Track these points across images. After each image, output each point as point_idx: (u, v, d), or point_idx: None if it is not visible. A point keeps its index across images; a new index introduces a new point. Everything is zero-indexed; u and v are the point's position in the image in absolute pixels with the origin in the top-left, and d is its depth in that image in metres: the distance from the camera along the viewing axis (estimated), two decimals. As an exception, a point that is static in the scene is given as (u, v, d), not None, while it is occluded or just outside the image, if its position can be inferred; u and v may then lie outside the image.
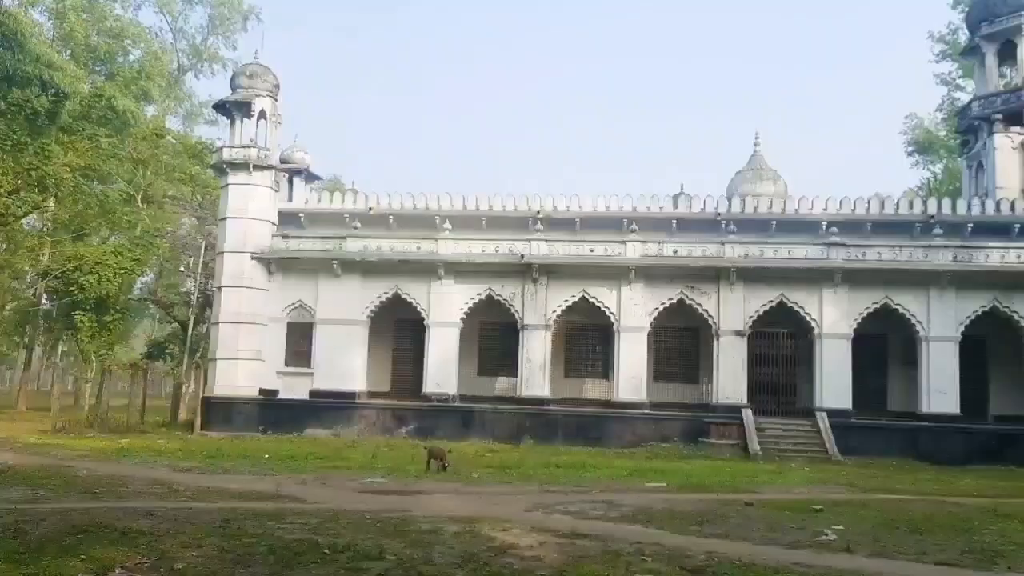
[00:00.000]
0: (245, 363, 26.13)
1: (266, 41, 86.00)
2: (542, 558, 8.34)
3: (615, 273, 24.77)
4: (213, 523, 9.69)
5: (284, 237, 26.95)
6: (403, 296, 25.83)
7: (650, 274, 24.71)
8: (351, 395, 25.57)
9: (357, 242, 26.19)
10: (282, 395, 26.05)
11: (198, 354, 32.73)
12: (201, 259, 31.95)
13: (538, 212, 27.86)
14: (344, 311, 25.84)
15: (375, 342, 26.67)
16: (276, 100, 28.07)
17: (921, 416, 23.49)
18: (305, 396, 25.85)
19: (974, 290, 23.53)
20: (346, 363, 25.69)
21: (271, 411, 25.90)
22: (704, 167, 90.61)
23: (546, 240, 25.46)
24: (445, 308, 25.46)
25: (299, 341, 26.39)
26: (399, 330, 27.67)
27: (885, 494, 15.26)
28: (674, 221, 27.45)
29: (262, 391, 26.13)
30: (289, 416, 25.63)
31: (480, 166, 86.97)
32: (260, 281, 26.48)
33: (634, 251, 24.83)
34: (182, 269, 38.60)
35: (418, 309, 25.72)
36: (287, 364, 26.34)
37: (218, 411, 26.08)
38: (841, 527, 11.00)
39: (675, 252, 24.93)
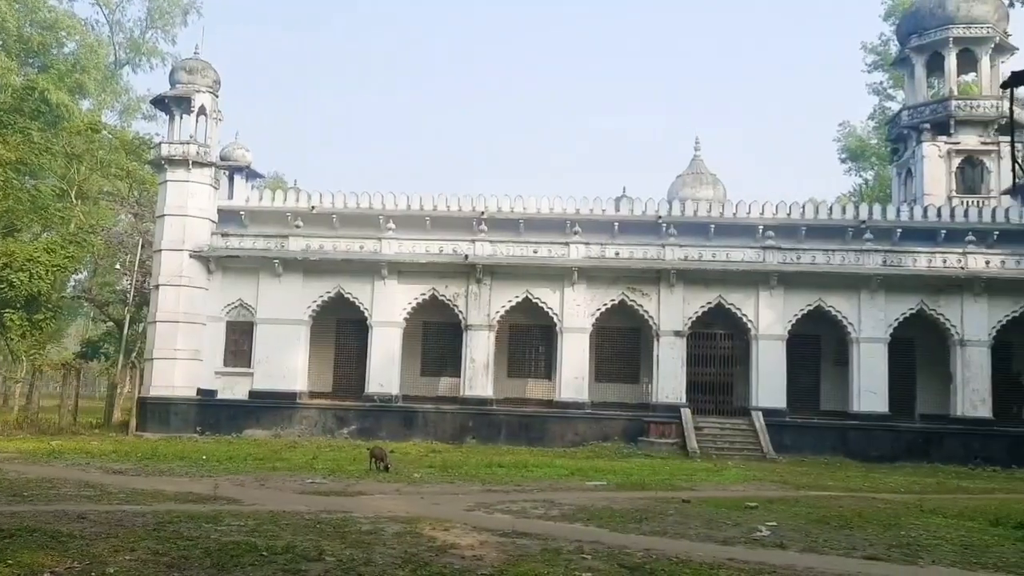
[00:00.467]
0: (183, 363, 25.64)
1: (207, 36, 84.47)
2: (483, 557, 8.40)
3: (558, 274, 24.97)
4: (147, 526, 9.52)
5: (224, 235, 26.51)
6: (346, 296, 25.64)
7: (592, 275, 24.97)
8: (292, 395, 25.29)
9: (299, 241, 25.91)
10: (221, 395, 25.63)
11: (134, 354, 31.96)
12: (138, 257, 31.20)
13: (482, 213, 27.94)
14: (285, 310, 25.53)
15: (317, 342, 26.42)
16: (217, 96, 27.59)
17: (852, 415, 24.21)
18: (244, 396, 25.47)
19: (902, 293, 24.33)
20: (287, 363, 25.40)
21: (209, 412, 25.46)
22: (646, 170, 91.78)
23: (490, 241, 25.54)
24: (388, 308, 25.36)
25: (239, 341, 25.99)
26: (341, 330, 27.45)
27: (817, 491, 15.71)
28: (616, 223, 27.81)
29: (200, 391, 25.66)
30: (228, 417, 25.24)
31: (425, 166, 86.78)
32: (199, 280, 26.01)
33: (577, 252, 25.07)
34: (118, 267, 37.57)
35: (361, 309, 25.56)
36: (226, 364, 25.92)
37: (154, 412, 25.53)
38: (775, 523, 11.30)
39: (617, 254, 25.24)
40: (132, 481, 14.10)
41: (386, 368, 25.21)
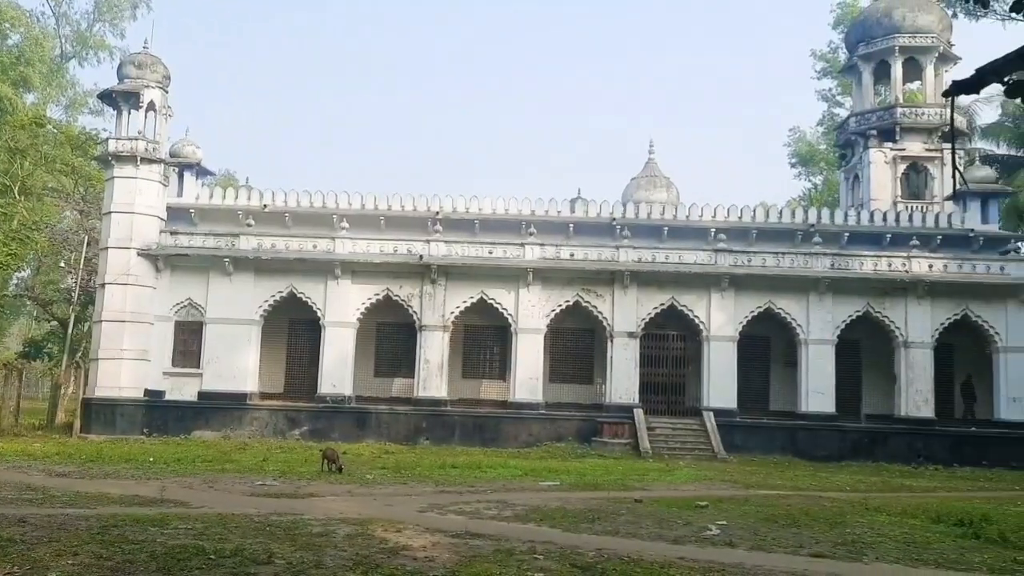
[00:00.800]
0: (129, 363, 25.08)
1: (159, 31, 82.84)
2: (435, 558, 8.37)
3: (513, 275, 25.00)
4: (91, 530, 9.29)
5: (173, 233, 26.01)
6: (298, 295, 25.34)
7: (547, 276, 25.05)
8: (242, 396, 24.90)
9: (251, 240, 25.53)
10: (169, 396, 25.14)
11: (79, 354, 31.20)
12: (83, 255, 30.48)
13: (437, 213, 27.90)
14: (236, 310, 25.13)
15: (268, 342, 26.07)
16: (166, 92, 27.07)
17: (800, 415, 24.65)
18: (193, 397, 25.02)
19: (849, 296, 24.84)
20: (237, 363, 25.01)
21: (157, 413, 24.97)
22: (601, 172, 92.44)
23: (445, 241, 25.47)
24: (342, 308, 25.13)
25: (188, 341, 25.52)
26: (294, 330, 27.14)
27: (766, 490, 15.96)
28: (571, 225, 28.02)
29: (147, 392, 25.14)
30: (176, 418, 24.78)
31: (380, 165, 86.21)
32: (147, 278, 25.47)
33: (532, 253, 25.13)
34: (62, 265, 36.67)
35: (314, 309, 25.28)
36: (174, 364, 25.43)
37: (100, 413, 24.94)
38: (724, 522, 11.46)
39: (572, 255, 25.35)
40: (76, 484, 13.77)
41: (339, 369, 24.98)
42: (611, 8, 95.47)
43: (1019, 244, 30.13)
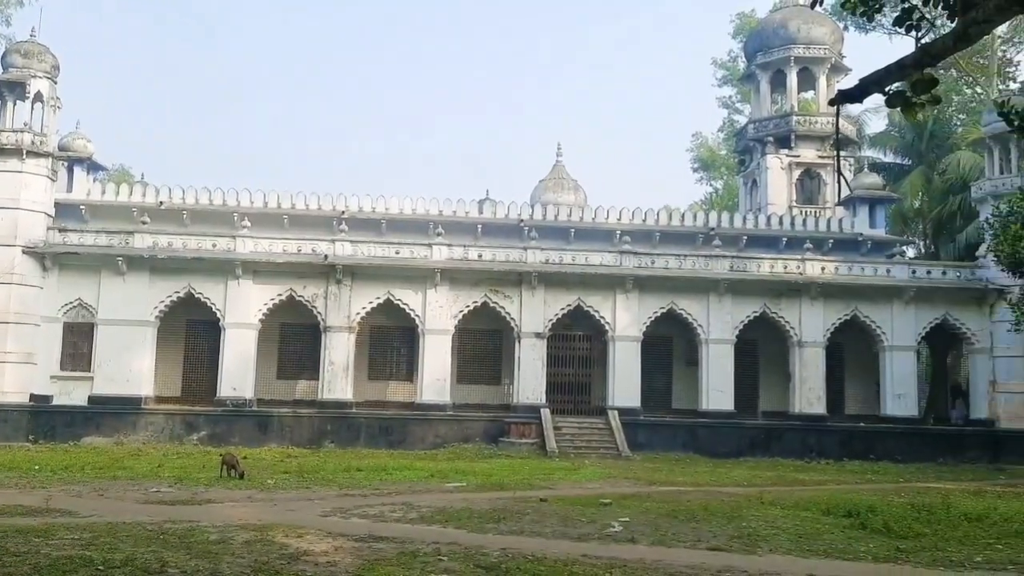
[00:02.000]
0: (13, 366, 23.75)
1: (50, 20, 78.82)
2: (337, 563, 8.23)
3: (420, 275, 24.84)
4: (-32, 543, 8.75)
5: (62, 230, 24.79)
6: (197, 296, 24.50)
7: (455, 277, 24.99)
8: (136, 400, 23.92)
9: (146, 238, 24.55)
10: (57, 401, 23.93)
11: (-44, 357, 29.37)
12: (-38, 252, 28.70)
13: (343, 212, 27.53)
14: (130, 311, 24.11)
15: (165, 344, 25.12)
16: (55, 83, 25.78)
17: (701, 413, 25.33)
18: (84, 402, 23.90)
19: (747, 297, 25.66)
20: (131, 366, 24.00)
21: (44, 419, 23.72)
22: (510, 174, 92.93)
23: (351, 241, 25.10)
24: (243, 309, 24.42)
25: (78, 343, 24.36)
26: (192, 331, 26.23)
27: (668, 486, 16.34)
28: (479, 225, 28.09)
29: (33, 397, 23.86)
30: (65, 424, 23.60)
31: (286, 164, 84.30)
32: (33, 277, 24.17)
33: (440, 254, 25.03)
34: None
35: (213, 310, 24.49)
36: (63, 368, 24.23)
37: (-21, 420, 23.53)
38: (627, 519, 11.67)
39: (480, 256, 25.37)
40: (-49, 495, 12.94)
41: (240, 371, 24.28)
42: (519, 11, 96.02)
43: (904, 248, 31.81)
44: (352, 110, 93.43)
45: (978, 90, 37.91)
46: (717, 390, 25.24)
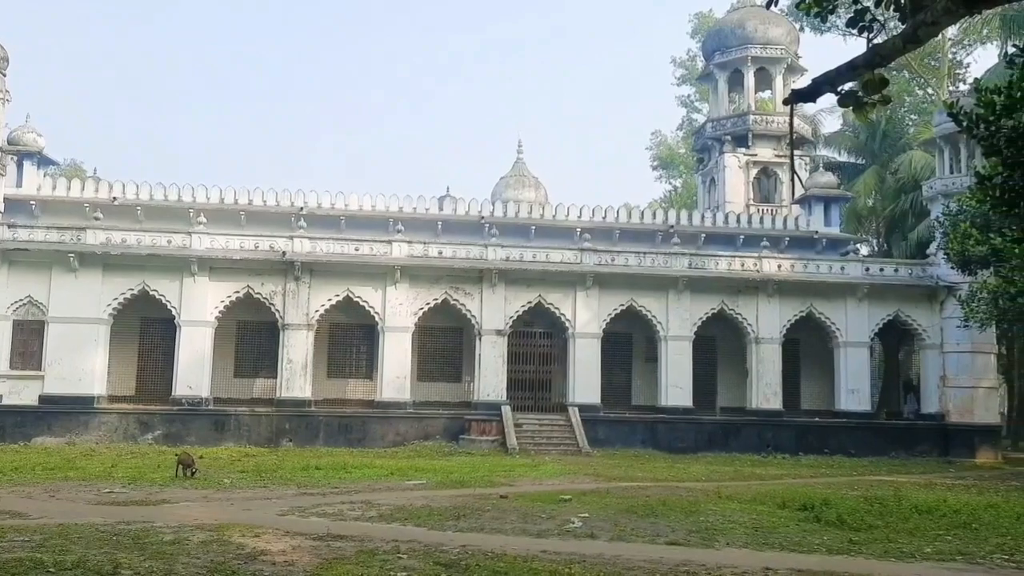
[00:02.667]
0: (-40, 366, 23.14)
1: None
2: (295, 562, 8.15)
3: (380, 273, 24.69)
4: (-89, 548, 8.50)
5: (11, 226, 24.18)
6: (151, 293, 24.06)
7: (415, 274, 24.88)
8: (89, 400, 23.44)
9: (99, 234, 24.04)
10: (6, 401, 23.33)
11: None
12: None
13: (301, 209, 27.27)
14: (82, 308, 23.59)
15: (118, 342, 24.64)
16: (4, 75, 25.17)
17: (660, 409, 25.55)
18: (34, 401, 23.34)
19: (706, 294, 25.93)
20: (83, 365, 23.50)
21: (-8, 419, 23.13)
22: (470, 171, 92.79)
23: (309, 238, 24.87)
24: (199, 306, 24.05)
25: (27, 341, 23.78)
26: (146, 329, 25.76)
27: (627, 482, 16.45)
28: (440, 223, 28.04)
29: (-20, 397, 23.27)
30: (14, 424, 23.01)
31: (243, 161, 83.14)
32: (-20, 274, 23.56)
33: (400, 251, 24.90)
34: None
35: (168, 307, 24.08)
36: (12, 367, 23.64)
37: (-76, 421, 22.88)
38: (586, 514, 11.73)
39: (440, 253, 25.30)
40: None
41: (196, 369, 23.91)
42: (479, 8, 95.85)
43: (857, 246, 32.44)
44: (310, 106, 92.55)
45: (929, 91, 38.75)
46: (676, 386, 25.47)
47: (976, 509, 12.90)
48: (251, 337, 26.21)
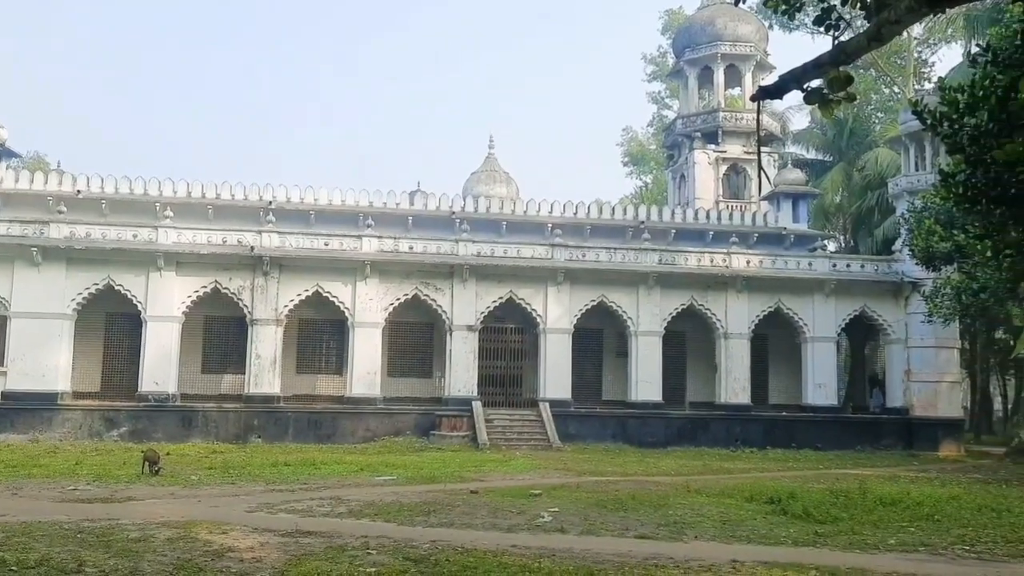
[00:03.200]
0: (-82, 362, 22.64)
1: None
2: (263, 559, 8.10)
3: (350, 268, 24.54)
4: None
5: (-28, 219, 23.70)
6: (117, 288, 23.69)
7: (385, 269, 24.76)
8: (52, 396, 23.03)
9: (62, 227, 23.62)
10: (-33, 398, 22.90)
11: None
12: None
13: (270, 203, 27.02)
14: (46, 303, 23.16)
15: (83, 337, 24.26)
16: (-37, 63, 24.63)
17: (630, 404, 25.67)
18: (-4, 398, 22.93)
19: (676, 289, 26.08)
20: (47, 361, 23.09)
21: (-48, 417, 22.68)
22: (441, 166, 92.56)
23: (278, 232, 24.62)
24: (165, 301, 23.73)
25: (-11, 337, 23.34)
26: (112, 324, 25.38)
27: (597, 476, 16.52)
28: (410, 218, 27.93)
29: (-59, 394, 22.79)
30: (-25, 422, 22.59)
31: (212, 156, 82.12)
32: (-60, 269, 23.06)
33: (370, 246, 24.76)
34: None
35: (134, 302, 23.73)
36: (-27, 363, 23.20)
37: None
38: (556, 509, 11.77)
39: (411, 248, 25.20)
40: None
41: (162, 365, 23.60)
42: (451, 2, 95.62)
43: (825, 242, 32.83)
44: (280, 101, 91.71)
45: (896, 90, 39.28)
46: (646, 381, 25.61)
47: (939, 501, 13.15)
48: (219, 332, 25.94)
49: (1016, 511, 12.52)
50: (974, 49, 6.99)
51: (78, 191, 26.39)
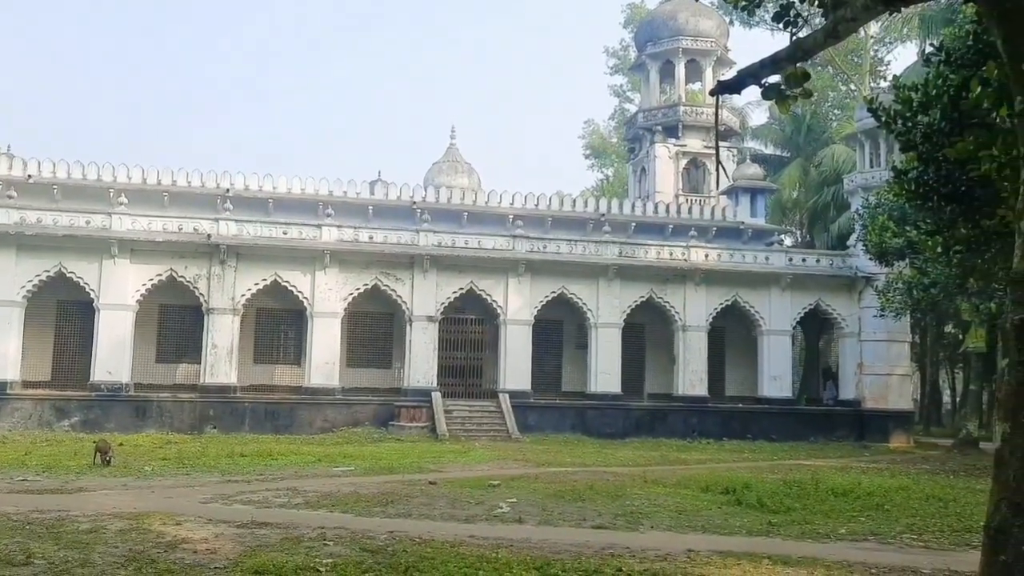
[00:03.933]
0: None
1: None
2: (217, 550, 8.00)
3: (309, 257, 24.31)
4: None
5: (-84, 203, 23.00)
6: (69, 275, 23.20)
7: (345, 259, 24.57)
8: (1, 385, 22.50)
9: (12, 213, 23.04)
10: (-90, 388, 22.27)
11: None
12: None
13: (228, 190, 26.64)
14: (-6, 290, 22.62)
15: (33, 325, 23.70)
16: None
17: (590, 395, 25.84)
18: (-59, 388, 22.33)
19: (635, 282, 26.26)
20: (-4, 350, 22.55)
21: None
22: (402, 156, 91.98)
23: (236, 220, 24.29)
24: (119, 289, 23.29)
25: (-65, 325, 22.68)
26: (63, 312, 24.85)
27: (556, 467, 16.60)
28: (371, 207, 27.73)
29: None
30: (-81, 412, 21.99)
31: (166, 142, 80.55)
32: None
33: (329, 235, 24.54)
34: None
35: (87, 290, 23.26)
36: (-82, 352, 22.55)
37: None
38: (514, 500, 11.80)
39: (371, 238, 25.04)
40: None
41: (115, 354, 23.18)
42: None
43: (782, 237, 33.29)
44: (238, 89, 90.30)
45: (852, 87, 39.94)
46: (605, 373, 25.77)
47: (888, 491, 13.45)
48: (174, 321, 25.53)
49: (962, 501, 12.84)
50: (928, 49, 7.15)
51: (29, 176, 25.76)
